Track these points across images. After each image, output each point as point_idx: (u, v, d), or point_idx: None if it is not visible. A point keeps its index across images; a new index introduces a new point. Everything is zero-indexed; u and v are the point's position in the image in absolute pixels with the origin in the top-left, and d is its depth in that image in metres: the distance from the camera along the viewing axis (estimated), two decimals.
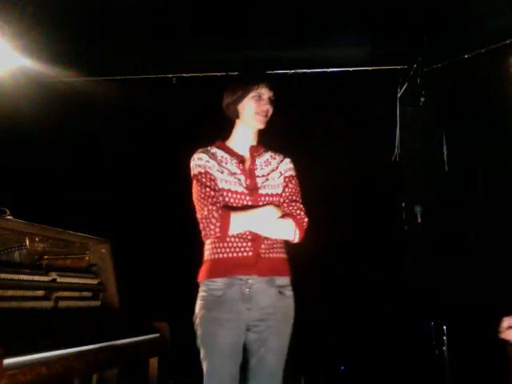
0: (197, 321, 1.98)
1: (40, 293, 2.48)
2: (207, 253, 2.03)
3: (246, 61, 3.63)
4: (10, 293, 2.29)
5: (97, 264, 2.96)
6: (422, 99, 3.59)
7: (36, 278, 2.46)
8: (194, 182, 2.03)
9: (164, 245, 3.87)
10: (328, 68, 3.83)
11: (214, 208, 1.92)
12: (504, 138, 3.49)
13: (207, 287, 1.98)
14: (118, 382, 2.83)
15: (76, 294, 2.74)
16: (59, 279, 2.59)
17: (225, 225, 1.90)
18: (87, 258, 2.95)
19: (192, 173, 2.06)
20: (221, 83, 3.70)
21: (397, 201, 3.88)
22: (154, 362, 2.82)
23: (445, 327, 3.14)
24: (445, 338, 3.16)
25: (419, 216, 3.58)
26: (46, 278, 2.52)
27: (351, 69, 3.75)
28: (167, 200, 3.81)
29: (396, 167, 3.93)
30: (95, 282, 2.90)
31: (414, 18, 3.45)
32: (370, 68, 3.77)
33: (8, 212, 2.46)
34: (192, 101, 3.89)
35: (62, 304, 2.58)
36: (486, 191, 3.56)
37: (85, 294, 2.82)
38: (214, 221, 1.90)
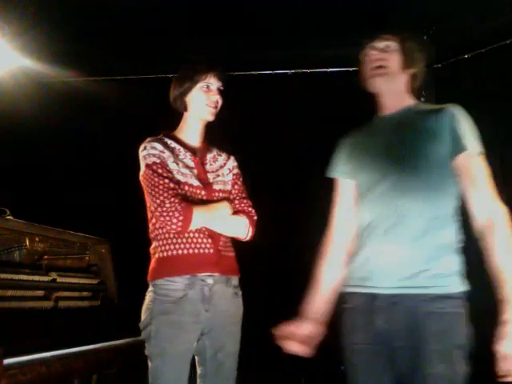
0: (150, 327, 1.85)
1: (40, 293, 2.49)
2: (162, 249, 1.91)
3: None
4: (9, 293, 2.30)
5: (97, 264, 2.97)
6: (422, 99, 3.58)
7: (36, 277, 2.47)
8: (148, 172, 1.90)
9: None
10: (328, 68, 3.83)
11: (177, 201, 1.81)
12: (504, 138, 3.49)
13: (164, 288, 1.86)
14: (117, 382, 2.83)
15: (76, 294, 2.75)
16: (59, 279, 2.59)
17: (188, 219, 1.81)
18: (87, 258, 2.96)
19: (145, 162, 1.93)
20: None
21: None
22: None
23: None
24: None
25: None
26: (46, 278, 2.52)
27: (351, 69, 3.75)
28: None
29: None
30: (95, 281, 2.91)
31: (413, 17, 3.45)
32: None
33: (8, 212, 2.46)
34: None
35: (62, 304, 2.59)
36: None
37: (85, 293, 2.82)
38: (177, 214, 1.79)
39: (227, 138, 3.67)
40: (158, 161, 1.91)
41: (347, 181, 1.79)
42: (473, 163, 1.59)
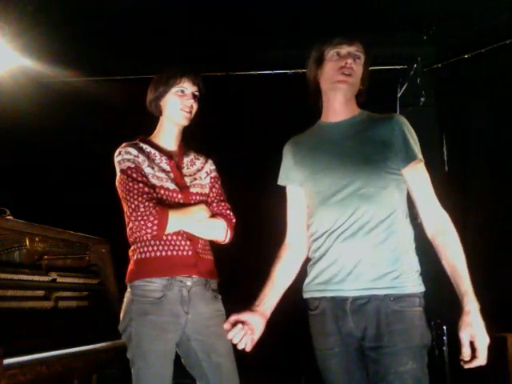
0: (130, 329, 1.84)
1: (40, 293, 2.49)
2: (140, 251, 1.91)
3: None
4: (9, 293, 2.30)
5: (97, 264, 2.96)
6: (422, 99, 3.58)
7: (36, 277, 2.47)
8: (123, 177, 1.89)
9: None
10: None
11: (151, 204, 1.81)
12: (504, 138, 3.49)
13: (142, 289, 1.86)
14: (117, 382, 2.83)
15: (76, 293, 2.75)
16: (59, 279, 2.59)
17: (163, 222, 1.81)
18: (87, 258, 2.96)
19: (119, 167, 1.93)
20: (220, 83, 3.72)
21: None
22: None
23: (445, 327, 3.13)
24: (445, 338, 3.15)
25: (419, 216, 3.57)
26: (46, 278, 2.52)
27: None
28: None
29: None
30: (95, 281, 2.90)
31: (414, 17, 3.45)
32: (370, 68, 3.76)
33: (8, 212, 2.46)
34: None
35: (62, 304, 2.59)
36: (486, 191, 3.56)
37: (85, 294, 2.82)
38: (151, 218, 1.79)
39: (227, 138, 3.69)
40: (132, 165, 1.90)
41: (298, 188, 1.82)
42: (421, 171, 1.70)
